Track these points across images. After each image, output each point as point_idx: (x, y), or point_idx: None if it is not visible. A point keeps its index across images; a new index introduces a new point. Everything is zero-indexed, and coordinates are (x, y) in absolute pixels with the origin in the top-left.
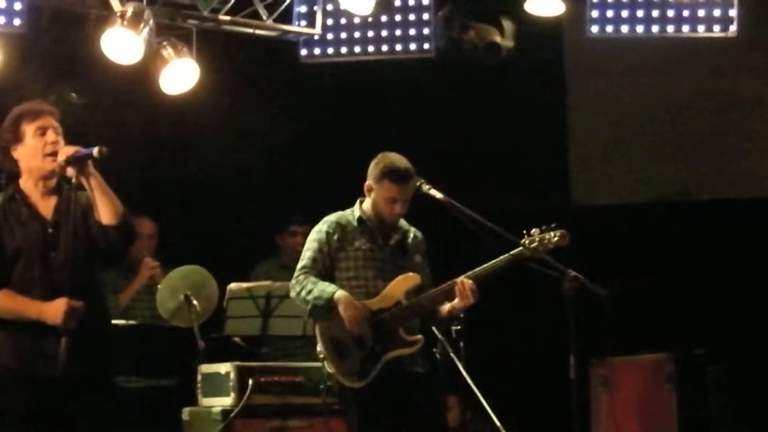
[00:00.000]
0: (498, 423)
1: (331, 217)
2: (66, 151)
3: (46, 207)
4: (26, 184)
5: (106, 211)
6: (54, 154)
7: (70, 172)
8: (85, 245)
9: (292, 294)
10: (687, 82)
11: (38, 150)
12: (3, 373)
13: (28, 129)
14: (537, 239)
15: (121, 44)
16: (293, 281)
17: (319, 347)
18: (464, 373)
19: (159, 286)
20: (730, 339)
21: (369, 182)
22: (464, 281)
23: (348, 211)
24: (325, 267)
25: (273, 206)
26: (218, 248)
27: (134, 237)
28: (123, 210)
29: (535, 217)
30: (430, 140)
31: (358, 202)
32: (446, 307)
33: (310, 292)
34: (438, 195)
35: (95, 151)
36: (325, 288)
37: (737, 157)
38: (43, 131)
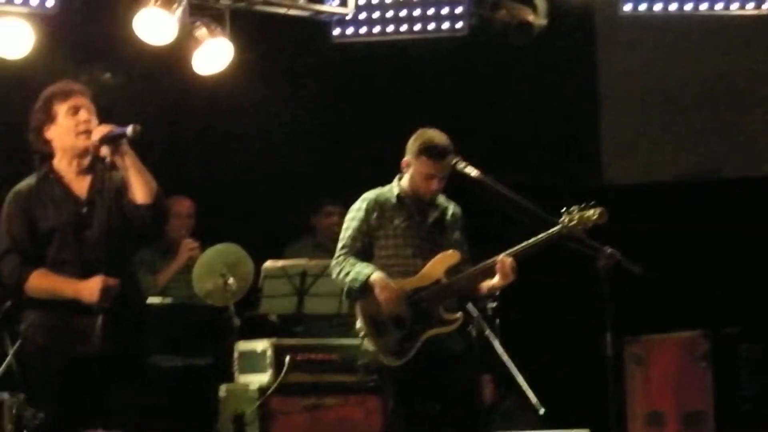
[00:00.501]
0: (534, 400)
1: (370, 195)
2: (100, 130)
3: (80, 186)
4: (60, 163)
5: (140, 190)
6: (87, 132)
7: (105, 151)
8: (118, 224)
9: (333, 275)
10: (719, 59)
11: (71, 129)
12: (39, 351)
13: (61, 109)
14: (576, 217)
15: (154, 24)
16: (333, 262)
17: (359, 324)
18: (500, 350)
19: (195, 265)
20: (763, 318)
21: (407, 158)
22: (504, 259)
23: (386, 188)
24: (364, 245)
25: (308, 185)
26: (253, 227)
27: (168, 216)
28: (157, 189)
29: (567, 196)
30: (461, 120)
31: (396, 178)
32: (486, 284)
33: (347, 274)
34: (474, 173)
35: (129, 129)
36: (362, 270)
37: None
38: (75, 110)
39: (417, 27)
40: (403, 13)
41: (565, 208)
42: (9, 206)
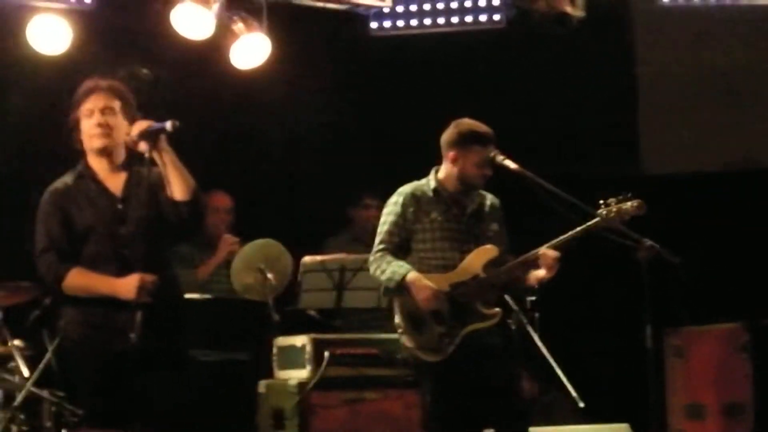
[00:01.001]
0: (574, 393)
1: (406, 189)
2: (139, 125)
3: (116, 183)
4: (94, 161)
5: (178, 186)
6: (100, 134)
7: (143, 146)
8: (155, 220)
9: (371, 271)
10: (757, 49)
11: (86, 131)
12: (77, 347)
13: (82, 109)
14: (614, 209)
15: (192, 19)
16: (371, 258)
17: (397, 320)
18: (539, 344)
19: (234, 260)
20: None
21: (453, 151)
22: (548, 252)
23: (423, 182)
24: (401, 239)
25: (345, 179)
26: (291, 222)
27: (205, 212)
28: (194, 185)
29: (605, 187)
30: (498, 112)
31: (432, 171)
32: (533, 276)
33: (384, 272)
34: (512, 165)
35: (168, 125)
36: (397, 269)
37: None
38: (90, 113)
39: (455, 19)
40: (441, 5)
41: (602, 200)
42: (45, 205)
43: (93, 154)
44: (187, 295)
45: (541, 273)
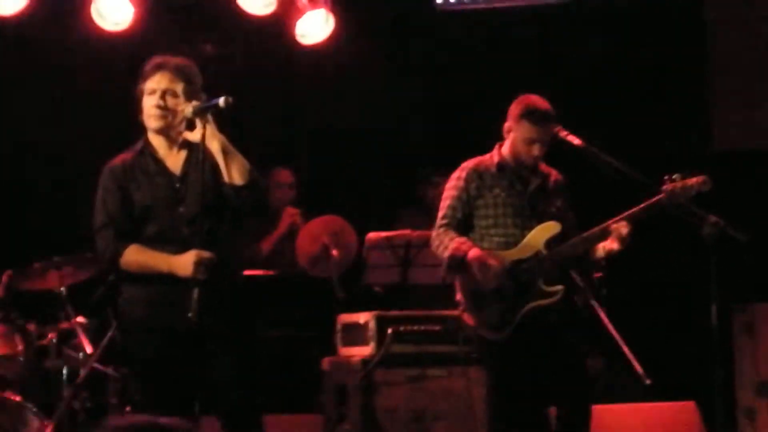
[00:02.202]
0: (641, 370)
1: (468, 164)
2: (194, 103)
3: (175, 161)
4: (155, 138)
5: (232, 171)
6: (157, 115)
7: (198, 125)
8: (214, 200)
9: (432, 247)
10: None
11: (144, 110)
12: (136, 325)
13: (143, 88)
14: (679, 185)
15: None
16: (433, 234)
17: (458, 297)
18: (606, 320)
19: (298, 235)
20: None
21: (508, 123)
22: (620, 225)
23: (486, 156)
24: (464, 215)
25: (413, 155)
26: (357, 197)
27: (265, 192)
28: (249, 167)
29: (676, 163)
30: (565, 87)
31: (497, 146)
32: (600, 249)
33: (446, 248)
34: (576, 141)
35: (221, 100)
36: (460, 246)
37: None
38: (151, 92)
39: None
40: None
41: (667, 176)
42: (104, 182)
43: (152, 132)
44: (252, 272)
45: (610, 245)
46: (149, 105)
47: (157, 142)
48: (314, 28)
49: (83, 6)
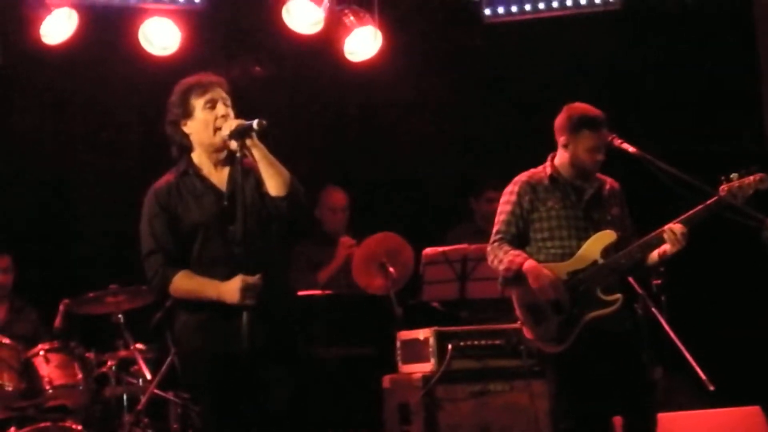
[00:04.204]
0: (704, 376)
1: (522, 177)
2: (229, 125)
3: (220, 179)
4: (199, 157)
5: (273, 182)
6: (225, 124)
7: (233, 145)
8: (261, 216)
9: (488, 261)
10: None
11: (209, 124)
12: (191, 352)
13: (198, 103)
14: (736, 184)
15: (303, 13)
16: (489, 247)
17: (516, 311)
18: (667, 327)
19: (354, 257)
20: None
21: (564, 137)
22: (674, 226)
23: (539, 169)
24: (519, 229)
25: (465, 170)
26: (411, 214)
27: (305, 205)
28: (290, 179)
29: (729, 164)
30: (617, 91)
31: (549, 158)
32: (656, 253)
33: (501, 261)
34: (631, 149)
35: (255, 123)
36: (514, 259)
37: None
38: (212, 104)
39: (569, 2)
40: None
41: (724, 176)
42: (149, 205)
43: (201, 149)
44: (310, 292)
45: (665, 247)
46: (214, 117)
47: (202, 160)
48: (363, 45)
49: (130, 33)
